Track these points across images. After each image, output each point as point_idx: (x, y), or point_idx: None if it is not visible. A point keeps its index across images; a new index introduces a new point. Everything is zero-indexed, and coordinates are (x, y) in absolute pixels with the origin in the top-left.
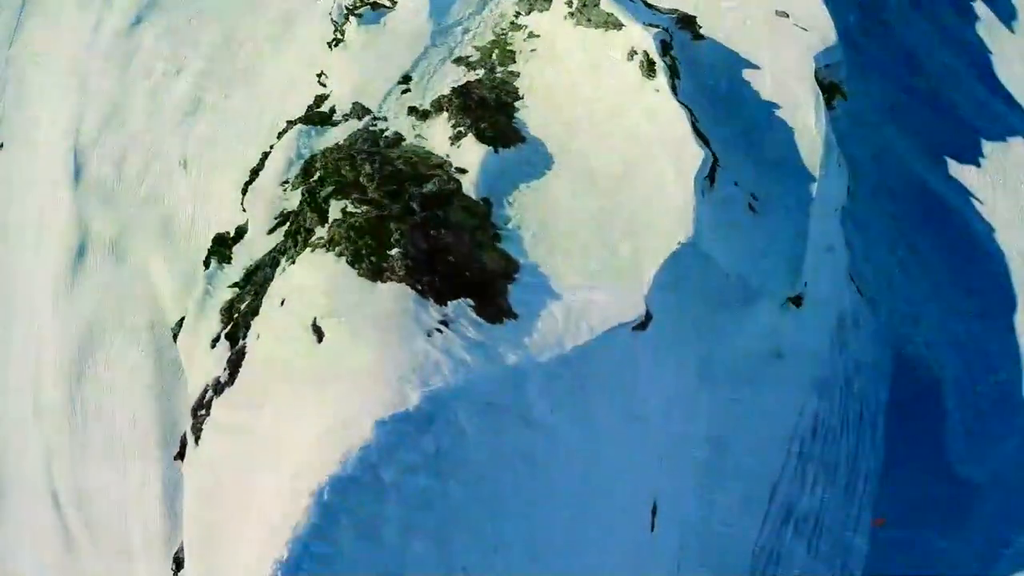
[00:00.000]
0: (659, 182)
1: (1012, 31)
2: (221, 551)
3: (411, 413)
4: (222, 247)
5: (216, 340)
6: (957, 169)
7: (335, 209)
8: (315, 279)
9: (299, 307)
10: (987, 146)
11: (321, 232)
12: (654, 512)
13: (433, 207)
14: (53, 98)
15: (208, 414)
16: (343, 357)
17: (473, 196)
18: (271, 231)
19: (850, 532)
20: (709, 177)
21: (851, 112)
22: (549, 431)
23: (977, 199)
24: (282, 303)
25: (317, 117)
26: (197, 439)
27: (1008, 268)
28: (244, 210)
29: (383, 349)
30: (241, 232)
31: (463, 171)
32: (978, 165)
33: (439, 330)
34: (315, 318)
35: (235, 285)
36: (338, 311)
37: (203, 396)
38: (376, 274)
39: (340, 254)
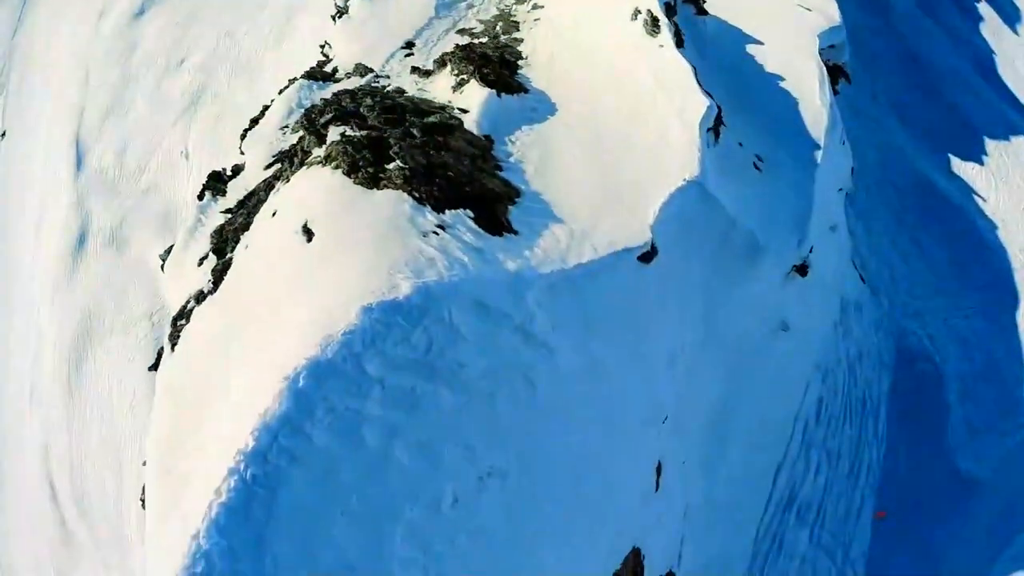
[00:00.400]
0: (663, 129)
1: (1016, 33)
2: (186, 453)
3: (401, 303)
4: (218, 182)
5: (203, 259)
6: (960, 166)
7: (333, 133)
8: (309, 190)
9: (290, 214)
10: (990, 144)
11: (318, 152)
12: (659, 472)
13: (434, 134)
14: (56, 88)
15: (188, 323)
16: (332, 255)
17: (475, 132)
18: (268, 166)
19: (852, 523)
20: (714, 131)
21: (854, 106)
22: (550, 352)
23: (980, 196)
24: (273, 214)
25: (319, 74)
26: (173, 347)
27: (1011, 266)
28: (242, 153)
29: (375, 244)
30: (237, 170)
31: (465, 111)
32: (981, 163)
33: (436, 232)
34: (305, 220)
35: (227, 211)
36: (330, 213)
37: (184, 307)
38: (373, 182)
39: (336, 167)
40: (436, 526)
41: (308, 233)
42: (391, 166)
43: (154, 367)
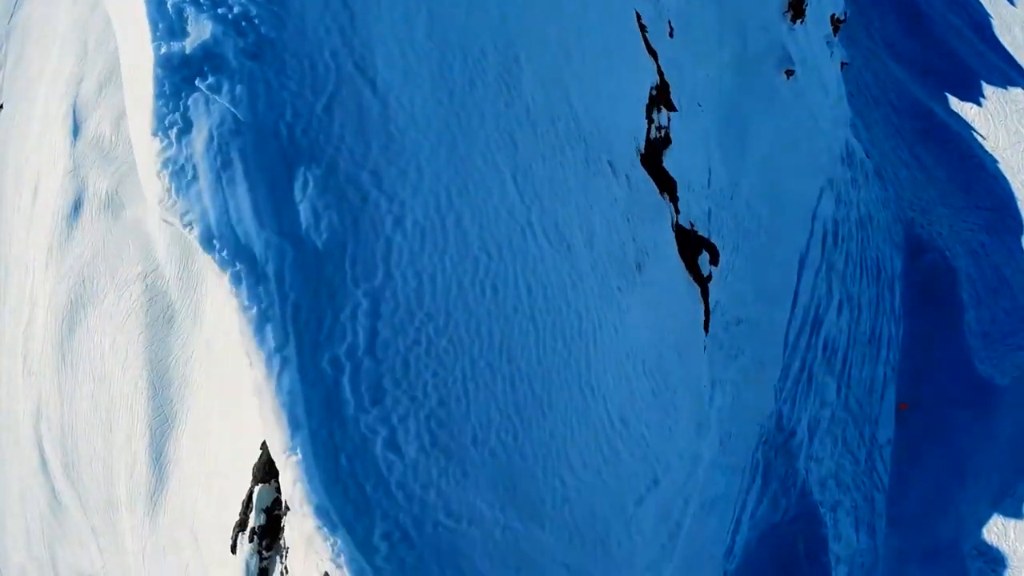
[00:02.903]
0: None
1: (1012, 4)
2: None
3: None
4: None
5: None
6: (958, 104)
7: None
8: None
9: None
10: (987, 89)
11: None
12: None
13: None
14: (54, 60)
15: None
16: None
17: None
18: None
19: (877, 401)
20: None
21: (851, 36)
22: None
23: (979, 134)
24: None
25: None
26: None
27: (1013, 194)
28: None
29: None
30: None
31: None
32: (979, 104)
33: None
34: None
35: None
36: None
37: None
38: None
39: None
40: None
41: None
42: None
43: None
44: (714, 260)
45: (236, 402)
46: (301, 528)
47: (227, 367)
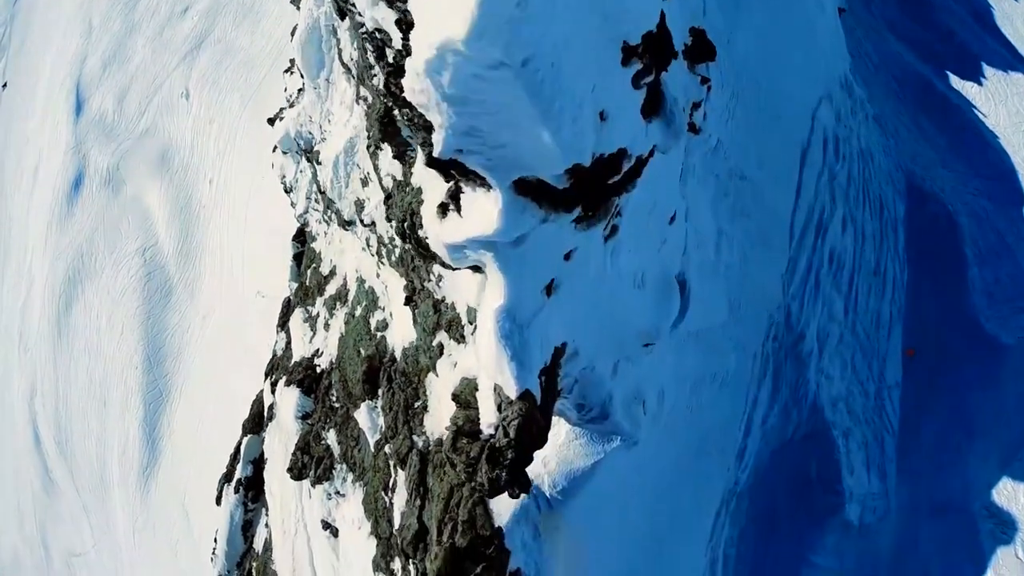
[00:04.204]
0: None
1: None
2: None
3: None
4: None
5: None
6: (958, 83)
7: None
8: None
9: None
10: (988, 70)
11: None
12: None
13: None
14: (58, 41)
15: None
16: None
17: None
18: None
19: (884, 337)
20: None
21: (851, 9)
22: None
23: (979, 111)
24: None
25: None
26: None
27: (1015, 168)
28: None
29: None
30: None
31: None
32: (979, 84)
33: None
34: None
35: None
36: None
37: None
38: None
39: None
40: None
41: None
42: None
43: None
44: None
45: (230, 370)
46: None
47: (224, 336)
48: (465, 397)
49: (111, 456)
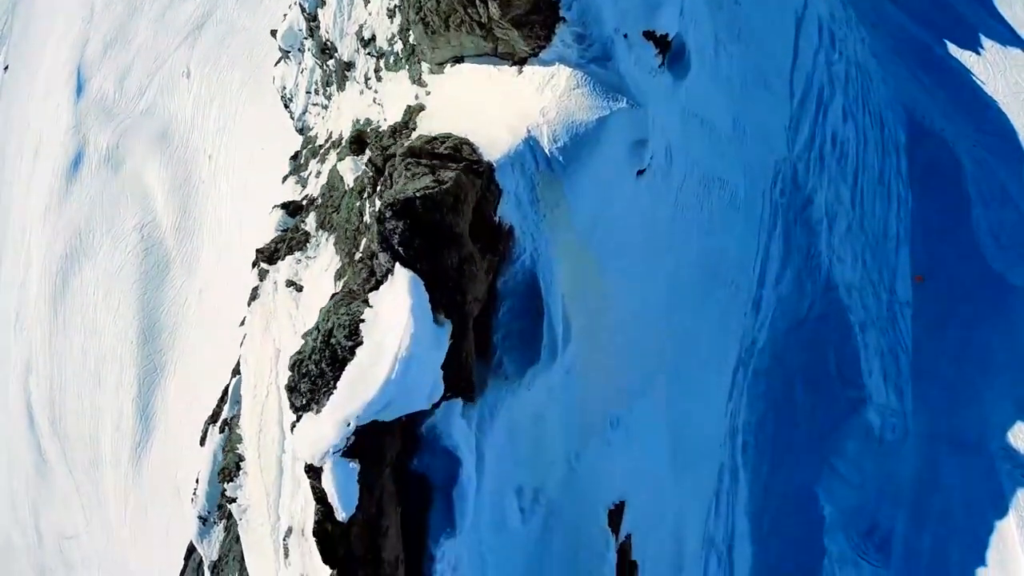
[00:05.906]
0: None
1: None
2: None
3: None
4: None
5: None
6: (956, 50)
7: None
8: None
9: None
10: (986, 41)
11: None
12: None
13: None
14: (60, 24)
15: None
16: None
17: None
18: None
19: (892, 252)
20: None
21: None
22: None
23: (978, 79)
24: None
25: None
26: None
27: (1015, 129)
28: None
29: None
30: None
31: None
32: (978, 53)
33: None
34: None
35: None
36: None
37: None
38: None
39: None
40: None
41: None
42: None
43: None
44: None
45: (225, 344)
46: None
47: (220, 310)
48: None
49: (104, 433)
